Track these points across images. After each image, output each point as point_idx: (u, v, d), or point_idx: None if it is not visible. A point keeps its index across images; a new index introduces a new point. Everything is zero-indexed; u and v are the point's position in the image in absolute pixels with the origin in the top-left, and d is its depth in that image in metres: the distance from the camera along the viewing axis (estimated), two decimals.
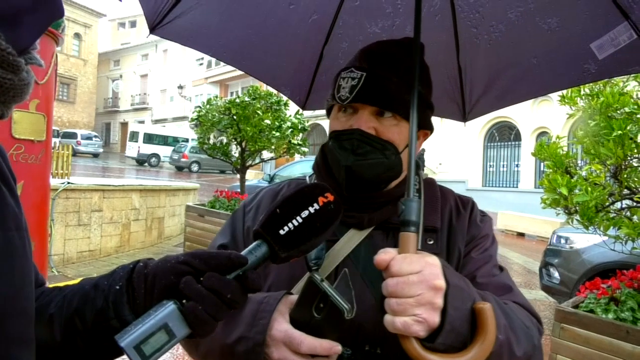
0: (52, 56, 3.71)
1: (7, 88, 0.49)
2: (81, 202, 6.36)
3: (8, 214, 0.58)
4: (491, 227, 1.00)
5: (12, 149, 3.34)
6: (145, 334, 0.57)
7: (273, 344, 0.72)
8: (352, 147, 0.89)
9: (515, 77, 1.45)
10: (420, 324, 0.65)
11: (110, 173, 20.25)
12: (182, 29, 1.35)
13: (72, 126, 36.90)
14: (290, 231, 0.66)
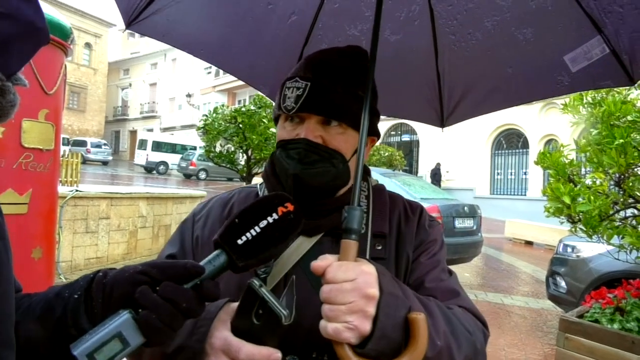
0: (61, 67, 3.79)
1: None
2: (89, 210, 6.43)
3: None
4: (440, 232, 1.02)
5: (22, 158, 3.39)
6: (98, 343, 0.57)
7: (212, 352, 0.70)
8: (300, 156, 0.89)
9: (492, 86, 1.47)
10: (351, 330, 0.66)
11: (119, 181, 20.41)
12: (158, 25, 1.35)
13: (82, 134, 37.30)
14: (248, 241, 0.67)
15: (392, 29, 1.42)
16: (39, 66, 3.42)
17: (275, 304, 0.67)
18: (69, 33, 3.76)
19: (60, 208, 5.90)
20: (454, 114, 1.57)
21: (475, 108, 1.55)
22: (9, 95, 0.55)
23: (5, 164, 3.28)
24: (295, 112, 0.91)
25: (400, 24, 1.40)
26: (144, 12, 1.32)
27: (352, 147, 0.94)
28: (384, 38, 1.42)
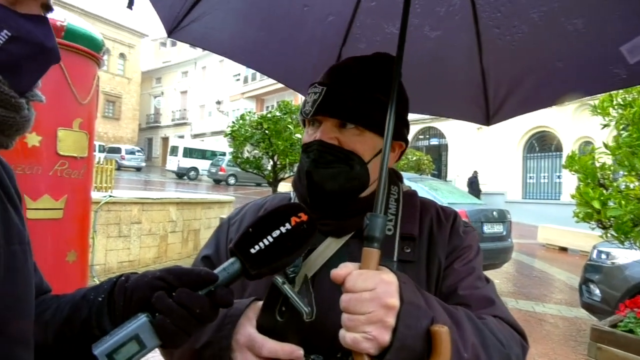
0: (94, 78, 3.94)
1: (10, 125, 0.57)
2: (122, 215, 6.64)
3: (12, 229, 0.66)
4: (476, 238, 0.99)
5: (57, 165, 3.55)
6: (117, 344, 0.61)
7: (238, 348, 0.73)
8: (315, 157, 0.91)
9: (540, 81, 1.39)
10: (370, 341, 0.65)
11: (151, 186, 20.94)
12: (198, 32, 1.39)
13: (117, 141, 38.50)
14: (260, 250, 0.68)
15: (432, 25, 1.38)
16: (73, 77, 3.57)
17: (297, 300, 0.69)
18: (101, 45, 3.91)
19: (94, 213, 6.12)
20: (501, 111, 1.50)
21: (524, 104, 1.47)
22: (23, 111, 0.59)
23: (42, 171, 3.44)
24: (311, 116, 0.94)
25: (440, 20, 1.36)
26: (183, 21, 1.38)
27: (371, 149, 0.94)
28: (423, 35, 1.40)
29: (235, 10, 1.37)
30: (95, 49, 3.80)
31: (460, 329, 0.73)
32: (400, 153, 1.05)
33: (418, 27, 1.38)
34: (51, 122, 3.50)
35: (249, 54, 1.54)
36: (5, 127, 0.57)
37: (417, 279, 0.89)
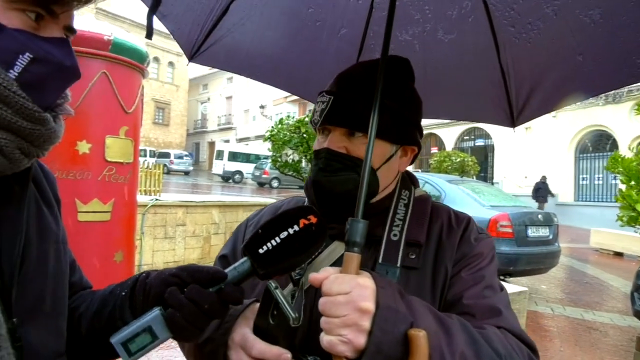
0: (139, 87, 4.17)
1: (37, 136, 0.64)
2: (167, 217, 6.93)
3: (45, 229, 0.75)
4: (490, 246, 0.95)
5: (105, 171, 3.78)
6: (131, 334, 0.67)
7: (233, 346, 0.76)
8: (323, 165, 0.92)
9: (562, 77, 1.35)
10: (345, 344, 0.66)
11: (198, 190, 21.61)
12: (217, 54, 1.46)
13: (166, 147, 40.03)
14: (268, 250, 0.71)
15: (445, 28, 1.38)
16: (119, 88, 3.79)
17: (285, 305, 0.70)
18: (146, 56, 4.13)
19: (142, 216, 6.43)
20: (524, 111, 1.47)
21: (548, 103, 1.44)
22: (48, 124, 0.65)
23: (92, 177, 3.68)
24: (320, 125, 0.96)
25: (454, 23, 1.35)
26: (203, 45, 1.45)
27: (380, 156, 0.94)
28: (437, 39, 1.40)
29: (250, 32, 1.43)
30: (140, 60, 4.02)
31: (450, 336, 0.72)
32: (413, 157, 1.03)
33: (431, 32, 1.38)
34: (100, 130, 3.73)
35: (267, 72, 1.60)
36: (33, 138, 0.64)
37: (421, 286, 0.89)
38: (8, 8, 0.59)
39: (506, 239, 6.51)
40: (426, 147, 27.06)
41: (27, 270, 0.68)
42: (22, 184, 0.70)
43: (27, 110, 0.61)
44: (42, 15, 0.62)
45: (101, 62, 3.66)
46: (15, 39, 0.60)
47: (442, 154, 19.73)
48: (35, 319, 0.68)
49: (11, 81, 0.59)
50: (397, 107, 0.96)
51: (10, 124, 0.60)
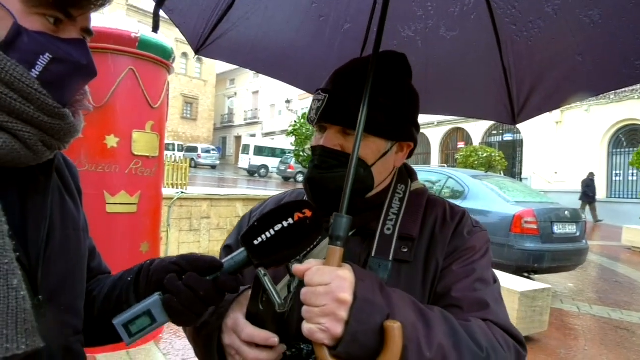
0: (165, 83, 4.28)
1: (58, 130, 0.70)
2: (192, 210, 7.11)
3: (68, 217, 0.82)
4: (484, 239, 0.97)
5: (132, 164, 3.91)
6: (132, 316, 0.73)
7: (226, 330, 0.79)
8: (318, 162, 0.95)
9: (561, 77, 1.36)
10: (323, 332, 0.69)
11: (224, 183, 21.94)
12: (222, 48, 1.50)
13: (194, 141, 40.73)
14: (263, 242, 0.74)
15: (448, 25, 1.39)
16: (145, 83, 3.92)
17: (272, 292, 0.74)
18: (171, 53, 4.24)
19: (168, 208, 6.62)
20: (525, 108, 1.49)
21: (548, 101, 1.45)
22: (67, 118, 0.71)
23: (119, 170, 3.82)
24: (316, 123, 0.98)
25: (456, 20, 1.37)
26: (209, 39, 1.49)
27: (375, 153, 0.95)
28: (439, 36, 1.41)
29: (254, 26, 1.46)
30: (165, 56, 4.13)
31: (429, 328, 0.74)
32: (410, 152, 1.04)
33: (433, 29, 1.40)
34: (127, 125, 3.86)
35: (271, 66, 1.63)
36: (53, 132, 0.70)
37: (411, 279, 0.91)
38: (30, 13, 0.65)
39: (531, 236, 6.40)
40: (453, 142, 26.69)
41: (51, 253, 0.74)
42: (46, 174, 0.76)
43: (48, 106, 0.67)
44: (60, 18, 0.68)
45: (128, 58, 3.78)
46: (37, 41, 0.65)
47: (468, 149, 19.45)
48: (57, 298, 0.74)
49: (33, 80, 0.64)
50: (392, 104, 0.96)
51: (32, 119, 0.66)
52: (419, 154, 28.42)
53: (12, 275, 0.60)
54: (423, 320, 0.75)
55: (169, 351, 3.89)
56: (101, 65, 3.75)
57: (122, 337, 0.74)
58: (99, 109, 3.65)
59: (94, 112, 0.81)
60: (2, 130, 0.64)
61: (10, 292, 0.60)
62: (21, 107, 0.64)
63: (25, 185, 0.72)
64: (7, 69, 0.62)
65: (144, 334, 0.74)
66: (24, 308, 0.61)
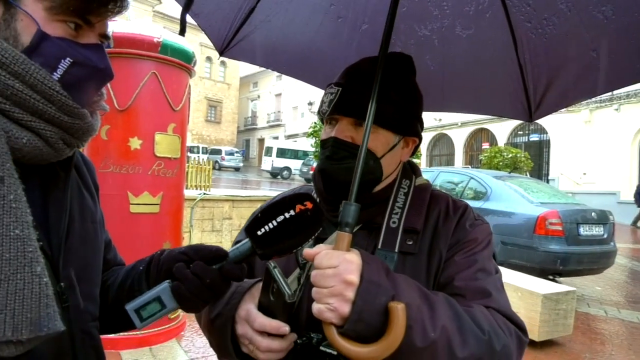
0: (186, 86, 4.38)
1: (77, 129, 0.75)
2: (214, 211, 7.22)
3: (86, 210, 0.88)
4: (485, 232, 1.00)
5: (154, 165, 4.01)
6: (143, 302, 0.77)
7: (239, 320, 0.85)
8: (330, 153, 0.98)
9: (577, 72, 1.37)
10: (332, 312, 0.73)
11: (247, 185, 22.18)
12: (245, 50, 1.56)
13: (218, 143, 41.32)
14: (265, 232, 0.78)
15: (463, 24, 1.42)
16: (167, 87, 4.02)
17: (282, 283, 0.78)
18: (192, 57, 4.33)
19: (191, 209, 6.74)
20: (542, 105, 1.50)
21: (564, 97, 1.47)
22: (86, 118, 0.77)
23: (142, 171, 3.92)
24: (328, 115, 1.01)
25: (471, 19, 1.39)
26: (232, 41, 1.55)
27: (384, 145, 0.99)
28: (455, 35, 1.44)
29: (275, 28, 1.50)
30: (187, 60, 4.23)
31: (433, 310, 0.77)
32: (414, 148, 1.08)
33: (449, 28, 1.42)
34: (150, 127, 3.97)
35: (291, 66, 1.68)
36: (73, 131, 0.75)
37: (416, 270, 0.95)
38: (52, 19, 0.70)
39: (555, 237, 6.26)
40: (477, 142, 26.28)
41: (71, 244, 0.79)
42: (66, 170, 0.81)
43: (68, 107, 0.72)
44: (80, 25, 0.73)
45: (151, 62, 3.88)
46: (59, 46, 0.70)
47: (493, 149, 19.10)
48: (77, 286, 0.80)
49: (55, 82, 0.70)
50: (401, 100, 1.01)
51: (54, 119, 0.71)
52: (442, 155, 28.09)
53: (35, 262, 0.64)
54: (427, 303, 0.78)
55: (190, 348, 3.97)
56: (125, 69, 3.90)
57: (134, 321, 0.78)
58: (122, 112, 3.76)
59: (118, 115, 0.87)
60: (27, 129, 0.69)
61: (34, 279, 0.64)
62: (44, 108, 0.69)
63: (47, 180, 0.77)
64: (32, 72, 0.67)
65: (154, 319, 0.79)
66: (46, 293, 0.65)
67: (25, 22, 0.69)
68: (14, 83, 0.66)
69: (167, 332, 4.08)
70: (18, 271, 0.62)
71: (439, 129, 27.59)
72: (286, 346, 0.82)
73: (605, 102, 19.38)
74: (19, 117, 0.68)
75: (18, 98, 0.67)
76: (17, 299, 0.62)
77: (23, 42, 0.69)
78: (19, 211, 0.64)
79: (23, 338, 0.62)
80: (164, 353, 3.82)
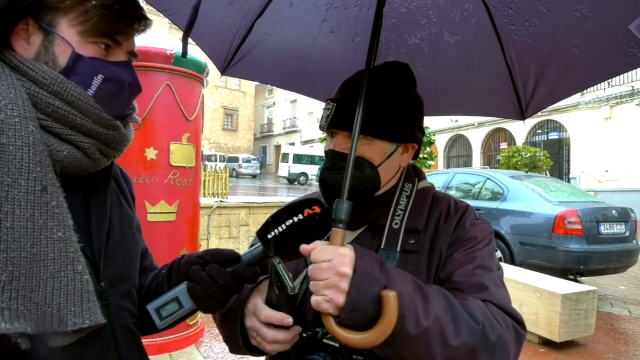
0: (199, 96, 4.48)
1: (112, 140, 0.83)
2: (231, 218, 7.31)
3: (124, 217, 0.95)
4: (486, 231, 1.03)
5: (170, 175, 4.11)
6: (162, 302, 0.85)
7: (247, 314, 0.90)
8: (328, 165, 1.04)
9: (561, 70, 1.41)
10: (328, 302, 0.77)
11: (265, 192, 22.34)
12: (245, 68, 1.62)
13: (235, 151, 41.73)
14: (275, 236, 0.83)
15: (450, 31, 1.47)
16: (181, 97, 4.11)
17: (285, 277, 0.81)
18: (204, 67, 4.43)
19: (208, 217, 6.85)
20: (531, 104, 1.54)
21: (551, 95, 1.50)
22: (120, 129, 0.84)
23: (159, 180, 4.02)
24: (326, 129, 1.08)
25: (458, 25, 1.44)
26: (232, 60, 1.61)
27: (380, 154, 1.03)
28: (443, 41, 1.49)
29: (272, 45, 1.57)
30: (199, 71, 4.33)
31: (426, 301, 0.81)
32: (415, 153, 1.12)
33: (437, 35, 1.47)
34: (165, 137, 4.06)
35: (290, 80, 1.74)
36: (109, 141, 0.82)
37: (417, 267, 0.99)
38: (84, 42, 0.79)
39: (575, 236, 6.16)
40: (495, 142, 25.98)
41: (111, 247, 0.87)
42: (105, 180, 0.89)
43: (102, 120, 0.80)
44: (109, 45, 0.82)
45: (165, 74, 3.99)
46: (91, 65, 0.79)
47: (511, 149, 18.87)
48: (116, 285, 0.88)
49: (89, 98, 0.78)
50: (394, 109, 1.04)
51: (90, 131, 0.79)
52: (460, 156, 27.83)
53: (77, 262, 0.72)
54: (421, 294, 0.82)
55: (209, 354, 4.03)
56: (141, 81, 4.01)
57: (154, 320, 0.85)
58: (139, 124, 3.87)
59: (134, 127, 0.94)
60: (66, 142, 0.77)
61: (76, 276, 0.71)
62: (81, 122, 0.77)
63: (88, 189, 0.86)
64: (69, 90, 0.75)
65: (173, 318, 0.85)
66: (87, 289, 0.73)
67: (62, 47, 0.77)
68: (54, 101, 0.75)
69: (186, 338, 4.15)
70: (62, 269, 0.70)
71: (456, 130, 27.37)
72: (291, 337, 0.86)
73: (625, 98, 18.98)
74: (60, 132, 0.76)
75: (58, 114, 0.75)
76: (62, 294, 0.69)
77: (60, 64, 0.77)
78: (61, 216, 0.72)
79: (68, 329, 0.69)
80: (183, 359, 3.89)
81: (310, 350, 0.88)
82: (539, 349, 4.54)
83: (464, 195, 7.88)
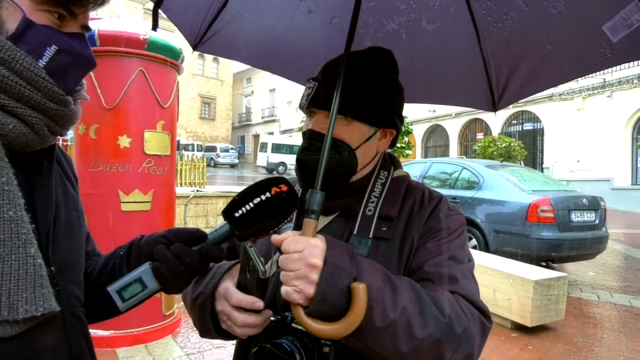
0: (174, 83, 4.37)
1: (61, 116, 0.76)
2: (208, 207, 7.24)
3: (70, 199, 0.89)
4: (459, 222, 1.03)
5: (145, 163, 4.01)
6: (125, 284, 0.81)
7: (218, 297, 0.88)
8: (306, 144, 1.02)
9: (534, 65, 1.43)
10: (298, 293, 0.77)
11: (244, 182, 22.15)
12: (218, 44, 1.58)
13: (213, 140, 41.26)
14: (243, 214, 0.81)
15: (429, 18, 1.46)
16: (155, 84, 4.01)
17: (257, 261, 0.80)
18: (180, 53, 4.32)
19: (185, 206, 6.76)
20: (503, 96, 1.56)
21: (523, 89, 1.52)
22: (70, 105, 0.78)
23: (133, 169, 3.92)
24: (305, 109, 1.06)
25: (436, 13, 1.43)
26: (205, 36, 1.57)
27: (359, 137, 1.02)
28: (421, 28, 1.48)
29: (247, 22, 1.53)
30: (174, 57, 4.22)
31: (395, 292, 0.81)
32: (392, 139, 1.11)
33: (416, 22, 1.46)
34: (139, 125, 3.96)
35: (265, 59, 1.70)
36: (57, 118, 0.76)
37: (389, 255, 0.98)
38: (36, 9, 0.72)
39: (547, 224, 6.31)
40: (472, 132, 26.36)
41: (58, 230, 0.81)
42: (49, 159, 0.83)
43: (54, 94, 0.73)
44: (64, 15, 0.75)
45: (138, 60, 3.87)
46: (44, 34, 0.72)
47: (487, 139, 19.18)
48: (65, 271, 0.82)
49: (40, 69, 0.71)
50: (376, 93, 1.03)
51: (39, 105, 0.72)
52: (437, 146, 28.15)
53: (29, 244, 0.66)
54: (390, 286, 0.82)
55: (186, 344, 3.99)
56: (112, 67, 3.90)
57: (116, 302, 0.81)
58: (111, 110, 3.76)
59: (106, 114, 0.89)
60: (13, 115, 0.70)
61: (29, 259, 0.66)
62: (30, 94, 0.70)
63: (30, 168, 0.79)
64: (17, 58, 0.68)
65: (135, 300, 0.82)
66: (41, 274, 0.67)
67: (11, 10, 0.70)
68: (0, 70, 0.67)
69: (163, 328, 4.10)
70: (12, 252, 0.64)
71: (433, 120, 27.64)
72: (261, 321, 0.85)
73: (597, 89, 19.47)
74: (5, 103, 0.69)
75: (4, 85, 0.68)
76: (13, 279, 0.63)
77: (8, 29, 0.70)
78: (11, 194, 0.66)
79: (19, 317, 0.63)
80: (160, 350, 3.85)
81: (278, 335, 0.87)
82: (511, 333, 4.66)
83: (440, 184, 7.98)
